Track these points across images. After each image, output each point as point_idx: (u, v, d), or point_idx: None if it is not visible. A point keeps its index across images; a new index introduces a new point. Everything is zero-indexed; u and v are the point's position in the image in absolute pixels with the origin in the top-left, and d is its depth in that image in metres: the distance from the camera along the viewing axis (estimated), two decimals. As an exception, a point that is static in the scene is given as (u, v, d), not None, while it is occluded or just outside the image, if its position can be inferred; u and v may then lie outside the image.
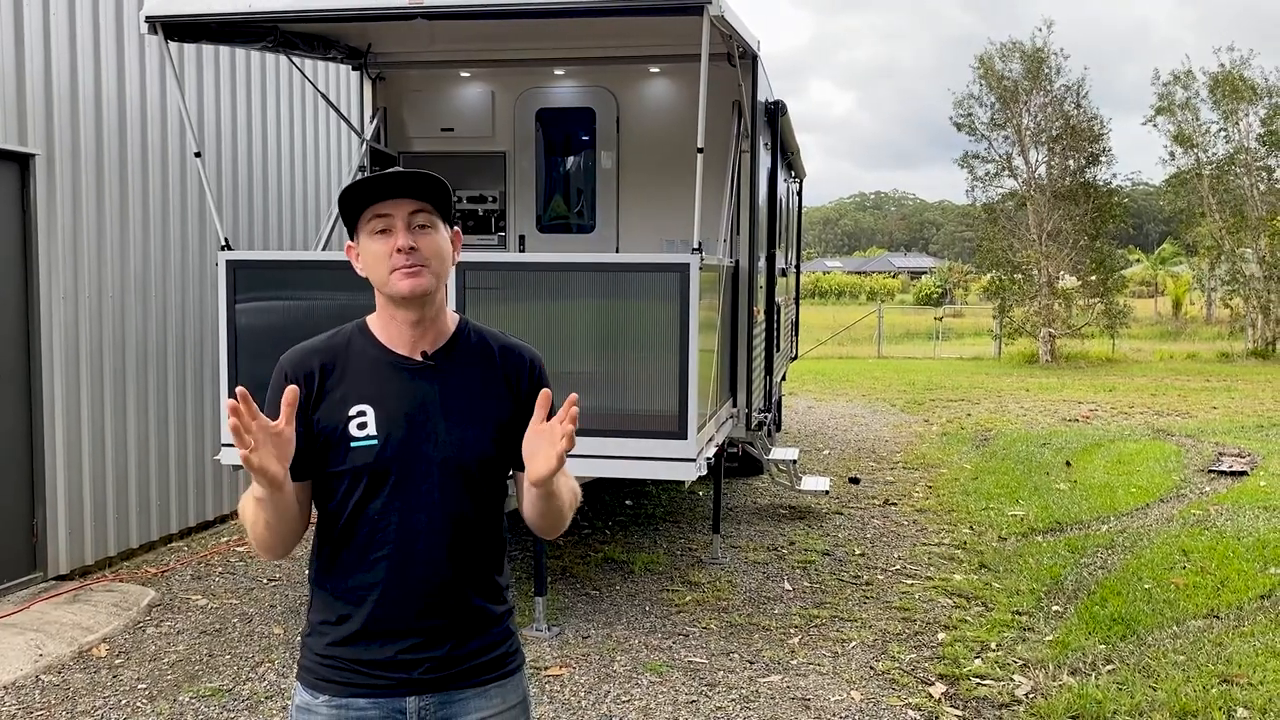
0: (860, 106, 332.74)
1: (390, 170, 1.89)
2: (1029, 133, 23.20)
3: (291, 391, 1.74)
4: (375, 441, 1.90)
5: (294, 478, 1.83)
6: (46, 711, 4.41)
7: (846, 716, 4.37)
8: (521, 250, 7.63)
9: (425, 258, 1.89)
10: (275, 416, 1.76)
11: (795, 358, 12.72)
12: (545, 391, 1.85)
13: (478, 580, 1.98)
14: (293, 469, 1.80)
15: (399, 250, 1.87)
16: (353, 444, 1.90)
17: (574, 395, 1.78)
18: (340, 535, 1.94)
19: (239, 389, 1.69)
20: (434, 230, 1.92)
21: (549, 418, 1.83)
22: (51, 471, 6.03)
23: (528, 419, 1.88)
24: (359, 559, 1.92)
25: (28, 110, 5.79)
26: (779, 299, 8.66)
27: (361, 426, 1.90)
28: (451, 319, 2.02)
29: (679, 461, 5.20)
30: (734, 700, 4.52)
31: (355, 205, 1.91)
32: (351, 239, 1.97)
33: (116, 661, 4.97)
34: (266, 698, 4.53)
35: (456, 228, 2.01)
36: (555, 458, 1.78)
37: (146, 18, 5.38)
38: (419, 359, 1.95)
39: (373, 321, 2.00)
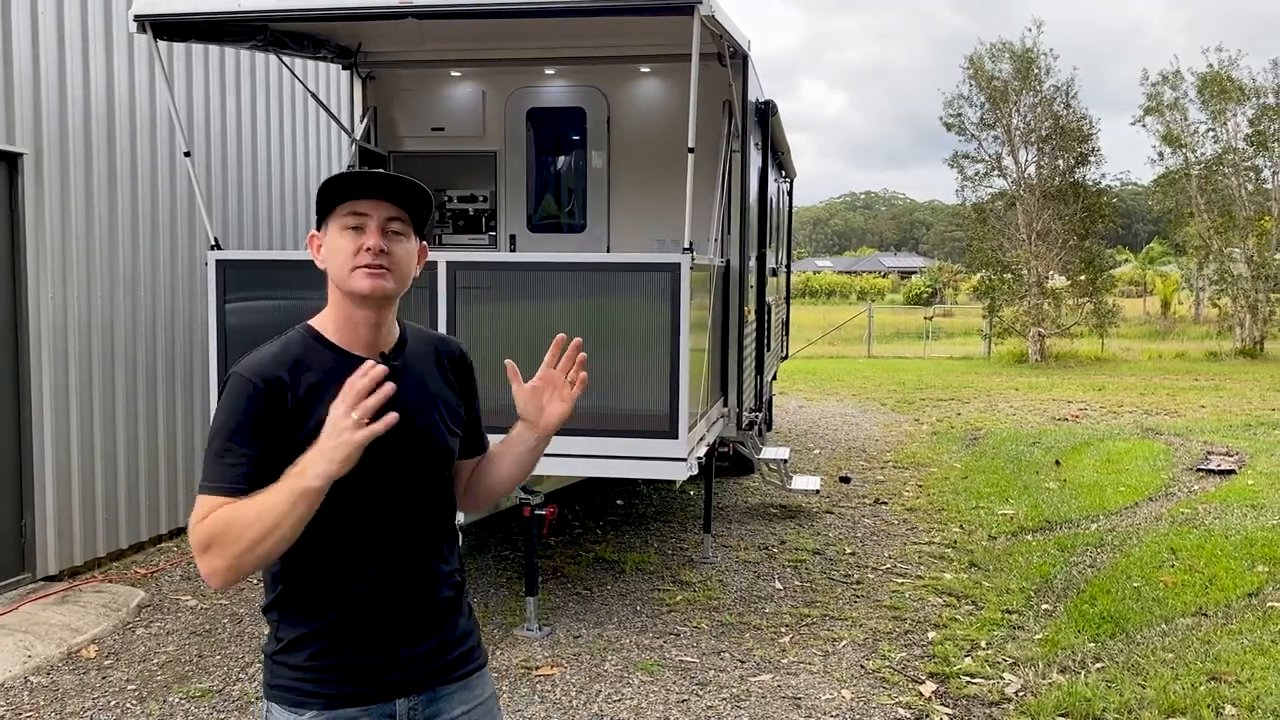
0: (852, 106, 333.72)
1: (378, 170, 1.89)
2: (1018, 133, 23.25)
3: (391, 417, 1.69)
4: None
5: None
6: (36, 713, 4.39)
7: (837, 715, 4.38)
8: (512, 250, 7.63)
9: (392, 262, 1.89)
10: (257, 430, 1.80)
11: (786, 357, 12.74)
12: (510, 362, 2.01)
13: (449, 573, 2.02)
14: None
15: (368, 249, 1.86)
16: None
17: (578, 339, 1.97)
18: (325, 543, 1.89)
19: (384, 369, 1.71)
20: (405, 239, 1.92)
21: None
22: (40, 471, 6.00)
23: (468, 407, 2.10)
24: (345, 565, 1.91)
25: (15, 109, 5.77)
26: (769, 298, 8.67)
27: None
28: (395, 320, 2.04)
29: (670, 461, 5.20)
30: (725, 699, 4.53)
31: (333, 197, 1.89)
32: (318, 229, 1.95)
33: (106, 662, 4.95)
34: (256, 698, 4.52)
35: (424, 242, 2.01)
36: (569, 400, 1.99)
37: (135, 16, 5.35)
38: (379, 360, 1.93)
39: (323, 325, 1.95)
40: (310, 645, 1.91)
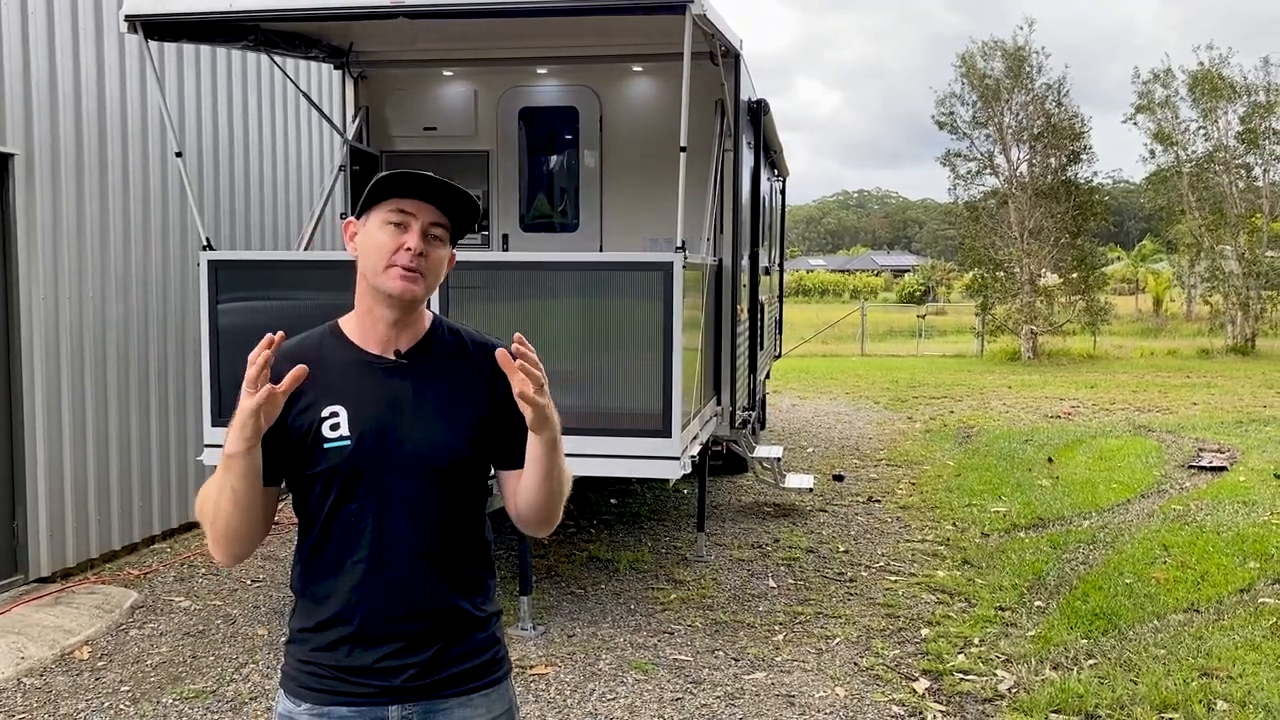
0: (846, 105, 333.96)
1: (436, 176, 1.89)
2: (1010, 131, 23.31)
3: (301, 369, 1.76)
4: (348, 442, 1.87)
5: (264, 481, 1.82)
6: (29, 714, 4.39)
7: (831, 713, 4.39)
8: (505, 249, 7.63)
9: (427, 267, 1.90)
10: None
11: (779, 356, 12.75)
12: (501, 351, 1.81)
13: (458, 582, 1.95)
14: (264, 472, 1.81)
15: (407, 249, 1.87)
16: (325, 445, 1.88)
17: (517, 334, 1.80)
18: (318, 539, 1.92)
19: (278, 334, 1.75)
20: (442, 245, 1.93)
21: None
22: (32, 472, 5.99)
23: (503, 415, 1.94)
24: (336, 563, 1.90)
25: (6, 110, 5.75)
26: (762, 297, 8.69)
27: (334, 427, 1.88)
28: (425, 317, 2.00)
29: (663, 460, 5.21)
30: (719, 698, 4.53)
31: (383, 190, 1.90)
32: (358, 216, 1.94)
33: (99, 664, 4.94)
34: (250, 699, 4.52)
35: (454, 250, 2.00)
36: (520, 398, 1.78)
37: (126, 17, 5.34)
38: (392, 358, 1.94)
39: (346, 322, 1.99)
40: (309, 640, 1.92)
